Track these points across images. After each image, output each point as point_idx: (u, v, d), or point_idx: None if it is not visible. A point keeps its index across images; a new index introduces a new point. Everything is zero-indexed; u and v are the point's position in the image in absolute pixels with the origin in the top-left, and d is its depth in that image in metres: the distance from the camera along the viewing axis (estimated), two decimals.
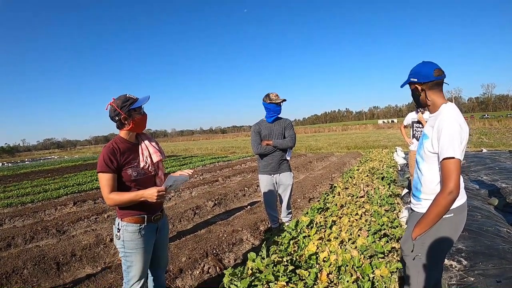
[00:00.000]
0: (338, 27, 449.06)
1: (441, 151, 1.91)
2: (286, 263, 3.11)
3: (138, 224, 2.41)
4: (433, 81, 2.05)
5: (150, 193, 2.25)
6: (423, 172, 2.12)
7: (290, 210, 4.65)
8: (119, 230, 2.41)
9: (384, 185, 6.50)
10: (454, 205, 1.96)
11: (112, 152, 2.32)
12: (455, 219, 2.03)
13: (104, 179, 2.29)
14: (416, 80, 2.12)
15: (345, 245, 3.52)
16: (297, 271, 2.94)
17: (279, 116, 4.47)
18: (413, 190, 2.26)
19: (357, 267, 3.03)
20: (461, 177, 1.95)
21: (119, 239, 2.41)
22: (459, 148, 1.87)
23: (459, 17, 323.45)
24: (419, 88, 2.13)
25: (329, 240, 3.69)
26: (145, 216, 2.44)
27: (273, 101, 4.29)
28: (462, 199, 2.05)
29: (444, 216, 1.95)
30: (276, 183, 4.47)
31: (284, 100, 4.34)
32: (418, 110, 6.57)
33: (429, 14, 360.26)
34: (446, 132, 1.91)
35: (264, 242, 3.86)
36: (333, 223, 4.28)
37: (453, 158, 1.85)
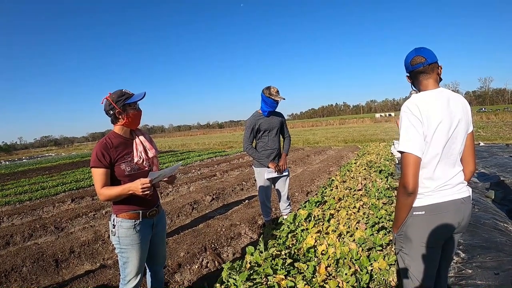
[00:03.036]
0: (336, 21, 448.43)
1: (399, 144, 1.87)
2: (284, 256, 3.12)
3: (133, 220, 2.41)
4: (413, 71, 1.96)
5: (135, 186, 2.24)
6: None
7: (289, 202, 4.66)
8: (114, 226, 2.41)
9: (381, 178, 6.51)
10: (424, 203, 1.87)
11: (105, 147, 2.32)
12: (428, 218, 1.88)
13: (97, 174, 2.29)
14: (405, 70, 2.05)
15: (343, 238, 3.53)
16: (296, 264, 2.95)
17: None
18: None
19: (355, 260, 3.04)
20: (437, 173, 1.87)
21: (114, 235, 2.41)
22: (413, 141, 1.78)
23: (456, 11, 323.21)
24: (408, 80, 2.06)
25: (327, 233, 3.69)
26: (140, 211, 2.44)
27: (273, 97, 4.26)
28: (440, 198, 1.88)
29: (414, 213, 1.89)
30: (275, 176, 4.48)
31: (283, 99, 4.32)
32: None
33: (426, 8, 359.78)
34: (400, 124, 1.87)
35: (262, 236, 3.86)
36: (331, 216, 4.29)
37: (404, 152, 1.79)
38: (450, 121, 1.85)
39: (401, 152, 1.82)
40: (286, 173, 4.53)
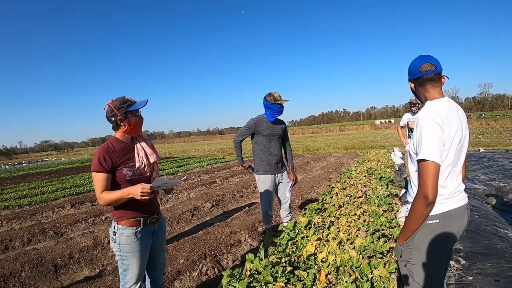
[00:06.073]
0: (335, 27, 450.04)
1: (417, 152, 1.81)
2: (284, 264, 3.10)
3: (134, 228, 2.40)
4: (421, 78, 1.93)
5: (135, 189, 2.24)
6: (411, 174, 2.01)
7: (290, 209, 4.65)
8: (115, 233, 2.40)
9: (382, 185, 6.50)
10: (439, 211, 1.86)
11: (107, 151, 2.32)
12: (442, 225, 1.87)
13: (98, 179, 2.28)
14: (409, 77, 2.02)
15: (343, 246, 3.51)
16: (296, 272, 2.94)
17: None
18: (407, 192, 2.15)
19: (355, 268, 3.03)
20: (449, 181, 1.87)
21: (115, 242, 2.40)
22: (435, 149, 1.73)
23: (456, 17, 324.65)
24: (412, 85, 2.03)
25: (327, 241, 3.68)
26: (141, 219, 2.44)
27: (278, 102, 4.24)
28: (451, 205, 1.89)
29: (428, 222, 1.86)
30: (278, 183, 4.47)
31: (288, 100, 4.31)
32: (412, 111, 6.63)
33: (426, 13, 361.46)
34: (420, 132, 1.81)
35: (262, 243, 3.85)
36: (331, 223, 4.27)
37: (426, 160, 1.72)
38: (462, 130, 1.87)
39: (422, 161, 1.75)
40: (289, 181, 4.54)
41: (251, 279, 2.80)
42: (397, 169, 10.30)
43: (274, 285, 2.69)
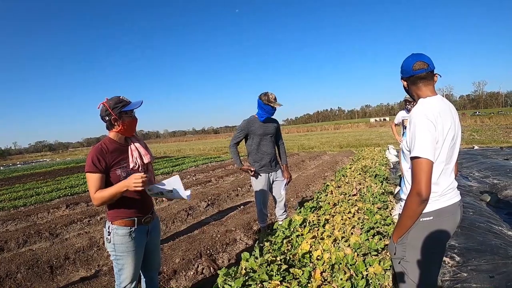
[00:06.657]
0: (330, 25, 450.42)
1: (410, 149, 1.81)
2: (279, 262, 3.11)
3: (129, 227, 2.40)
4: (413, 76, 1.93)
5: (128, 181, 2.22)
6: (404, 171, 2.01)
7: (286, 208, 4.66)
8: (109, 233, 2.39)
9: (376, 183, 6.53)
10: (432, 208, 1.87)
11: (100, 152, 2.31)
12: (436, 223, 1.89)
13: (92, 179, 2.27)
14: (401, 75, 2.03)
15: (338, 243, 3.53)
16: (291, 270, 2.95)
17: None
18: (401, 189, 2.15)
19: (350, 265, 3.04)
20: (442, 178, 1.88)
21: (109, 242, 2.40)
22: (428, 146, 1.73)
23: (450, 14, 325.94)
24: (404, 83, 2.04)
25: (322, 239, 3.69)
26: (135, 218, 2.43)
27: (271, 104, 4.25)
28: (444, 202, 1.90)
29: (422, 219, 1.86)
30: (272, 181, 4.47)
31: (281, 105, 4.31)
32: (407, 108, 6.64)
33: (420, 11, 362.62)
34: (413, 129, 1.81)
35: (257, 242, 3.86)
36: (326, 221, 4.29)
37: (419, 157, 1.73)
38: (454, 128, 1.89)
39: (415, 158, 1.76)
40: (283, 179, 4.54)
41: (246, 278, 2.81)
42: (391, 166, 10.33)
43: (269, 283, 2.70)
